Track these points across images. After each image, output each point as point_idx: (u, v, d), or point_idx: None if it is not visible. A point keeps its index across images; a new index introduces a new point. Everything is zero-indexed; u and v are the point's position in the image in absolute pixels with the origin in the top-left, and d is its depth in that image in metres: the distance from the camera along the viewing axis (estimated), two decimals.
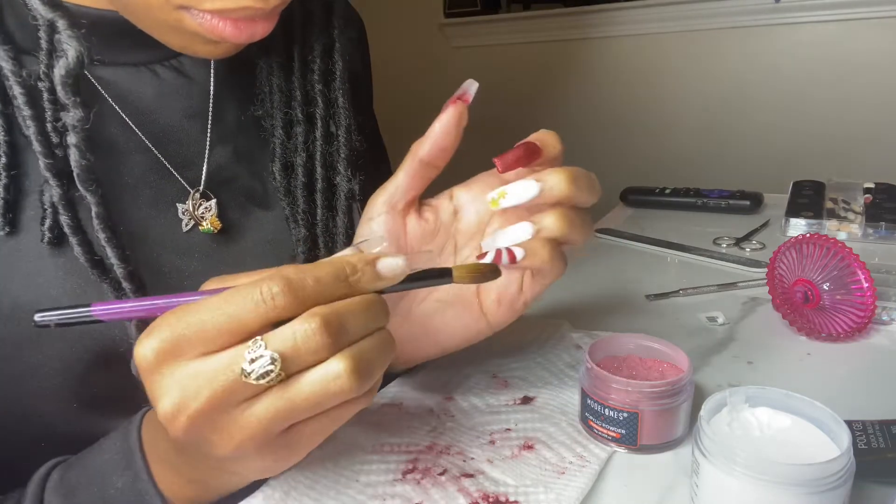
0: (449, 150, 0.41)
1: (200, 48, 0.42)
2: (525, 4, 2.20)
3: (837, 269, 0.57)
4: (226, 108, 0.50)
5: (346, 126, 0.51)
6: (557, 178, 0.38)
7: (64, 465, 0.39)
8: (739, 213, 0.91)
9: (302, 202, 0.50)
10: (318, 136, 0.50)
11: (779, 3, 1.74)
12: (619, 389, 0.40)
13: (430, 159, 0.41)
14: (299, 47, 0.51)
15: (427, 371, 0.52)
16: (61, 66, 0.39)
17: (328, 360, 0.28)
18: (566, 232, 0.39)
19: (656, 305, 0.64)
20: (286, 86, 0.51)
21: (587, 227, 0.41)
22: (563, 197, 0.39)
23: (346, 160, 0.51)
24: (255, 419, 0.29)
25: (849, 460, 0.31)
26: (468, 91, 0.41)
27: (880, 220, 0.76)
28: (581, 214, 0.40)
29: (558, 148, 0.41)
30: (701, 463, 0.34)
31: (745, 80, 1.86)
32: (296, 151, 0.50)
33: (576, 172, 0.39)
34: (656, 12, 1.92)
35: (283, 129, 0.50)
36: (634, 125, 2.06)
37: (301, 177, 0.50)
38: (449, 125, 0.40)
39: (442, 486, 0.38)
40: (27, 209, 0.41)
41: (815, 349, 0.54)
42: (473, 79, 0.41)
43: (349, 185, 0.51)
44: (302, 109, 0.50)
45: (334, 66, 0.51)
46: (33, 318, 0.31)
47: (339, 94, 0.51)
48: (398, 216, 0.43)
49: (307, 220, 0.50)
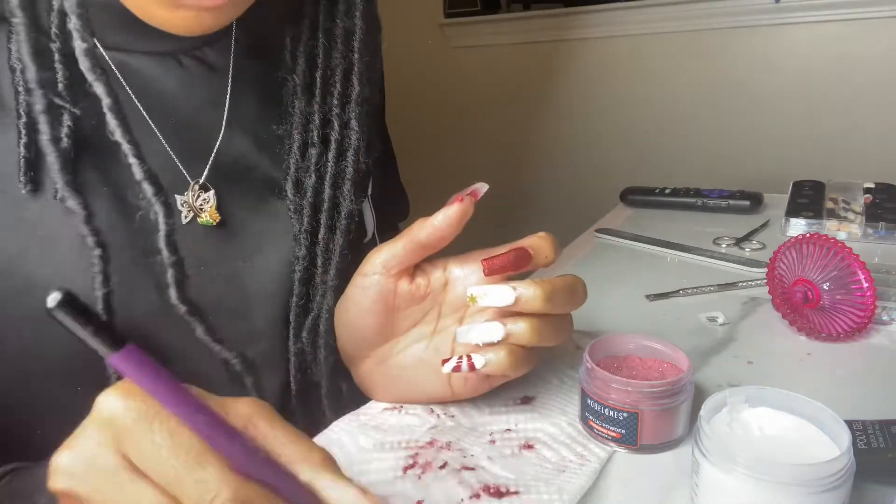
0: (448, 239, 0.43)
1: (168, 16, 0.41)
2: (525, 4, 2.19)
3: (837, 269, 0.57)
4: (241, 103, 0.51)
5: (356, 148, 0.52)
6: (534, 293, 0.40)
7: (20, 470, 0.39)
8: (739, 213, 0.91)
9: (306, 221, 0.51)
10: (330, 158, 0.51)
11: (779, 3, 1.74)
12: (619, 389, 0.40)
13: (429, 243, 0.43)
14: (322, 71, 0.51)
15: None
16: None
17: None
18: (535, 341, 0.41)
19: (656, 305, 0.64)
20: (307, 109, 0.51)
21: (563, 333, 0.42)
22: (535, 311, 0.40)
23: (351, 181, 0.52)
24: None
25: (849, 460, 0.31)
26: (478, 190, 0.43)
27: (880, 220, 0.76)
28: (556, 322, 0.42)
29: (551, 258, 0.43)
30: (701, 463, 0.34)
31: (745, 80, 1.86)
32: (307, 172, 0.51)
33: (554, 290, 0.40)
34: (656, 12, 1.92)
35: (299, 150, 0.51)
36: (634, 125, 2.06)
37: (309, 196, 0.51)
38: (452, 219, 0.42)
39: (442, 480, 0.38)
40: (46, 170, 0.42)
41: (815, 349, 0.54)
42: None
43: (351, 206, 0.52)
44: (318, 133, 0.51)
45: (351, 89, 0.52)
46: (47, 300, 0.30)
47: (352, 117, 0.52)
48: (391, 278, 0.44)
49: (308, 239, 0.51)
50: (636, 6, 1.95)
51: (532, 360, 0.42)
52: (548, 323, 0.41)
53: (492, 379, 0.44)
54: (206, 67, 0.49)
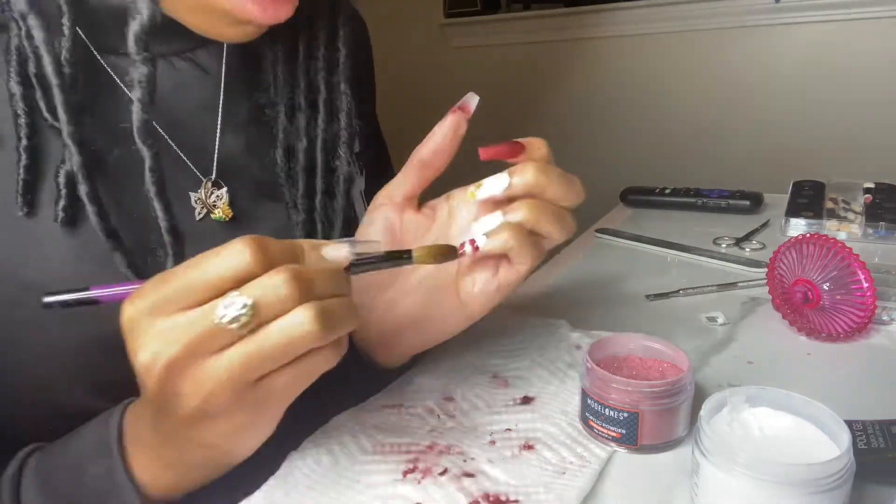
0: (445, 153, 0.44)
1: (226, 30, 0.44)
2: (525, 4, 2.20)
3: (837, 269, 0.57)
4: (237, 100, 0.52)
5: (347, 111, 0.52)
6: (526, 169, 0.41)
7: (43, 449, 0.40)
8: (739, 213, 0.91)
9: (302, 186, 0.51)
10: (320, 122, 0.52)
11: (779, 3, 1.74)
12: (620, 389, 0.40)
13: (429, 160, 0.45)
14: (304, 37, 0.52)
15: (427, 371, 0.52)
16: (136, 23, 0.40)
17: (296, 309, 0.31)
18: (532, 218, 0.41)
19: (656, 305, 0.64)
20: (290, 74, 0.52)
21: (562, 221, 0.42)
22: (531, 187, 0.41)
23: (346, 144, 0.52)
24: (225, 366, 0.30)
25: (849, 460, 0.31)
26: (468, 103, 0.44)
27: (880, 220, 0.76)
28: (555, 208, 0.42)
29: (543, 151, 0.43)
30: (701, 463, 0.34)
31: (745, 80, 1.86)
32: (297, 137, 0.51)
33: (546, 166, 0.41)
34: (656, 12, 1.92)
35: (286, 116, 0.52)
36: (634, 125, 2.06)
37: (302, 161, 0.51)
38: (447, 131, 0.44)
39: (442, 486, 0.38)
40: (43, 192, 0.43)
41: (815, 349, 0.54)
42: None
43: (348, 169, 0.52)
44: (305, 96, 0.52)
45: (338, 54, 0.52)
46: (42, 299, 0.33)
47: (340, 80, 0.52)
48: (396, 209, 0.46)
49: (306, 204, 0.51)
50: (636, 6, 1.95)
51: (536, 246, 0.42)
52: (545, 207, 0.41)
53: (500, 278, 0.44)
54: (198, 69, 0.50)
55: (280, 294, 0.30)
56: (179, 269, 0.31)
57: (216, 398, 0.31)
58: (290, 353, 0.31)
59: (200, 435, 0.34)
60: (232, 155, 0.50)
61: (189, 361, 0.30)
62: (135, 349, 0.31)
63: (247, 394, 0.32)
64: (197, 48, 0.50)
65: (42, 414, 0.44)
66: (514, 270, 0.43)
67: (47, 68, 0.41)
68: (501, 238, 0.40)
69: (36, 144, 0.42)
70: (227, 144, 0.50)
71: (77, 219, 0.43)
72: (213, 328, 0.30)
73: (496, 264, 0.44)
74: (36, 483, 0.38)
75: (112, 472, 0.37)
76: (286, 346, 0.31)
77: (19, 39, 0.41)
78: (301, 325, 0.30)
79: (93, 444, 0.38)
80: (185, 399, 0.31)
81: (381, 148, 0.69)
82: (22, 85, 0.42)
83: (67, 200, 0.42)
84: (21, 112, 0.42)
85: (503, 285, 0.44)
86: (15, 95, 0.42)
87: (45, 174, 0.43)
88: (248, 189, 0.51)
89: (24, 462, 0.39)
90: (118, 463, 0.37)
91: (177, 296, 0.31)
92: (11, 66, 0.42)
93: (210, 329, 0.30)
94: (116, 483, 0.36)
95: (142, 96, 0.41)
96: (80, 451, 0.38)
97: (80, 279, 0.42)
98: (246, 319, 0.30)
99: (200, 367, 0.31)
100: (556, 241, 0.43)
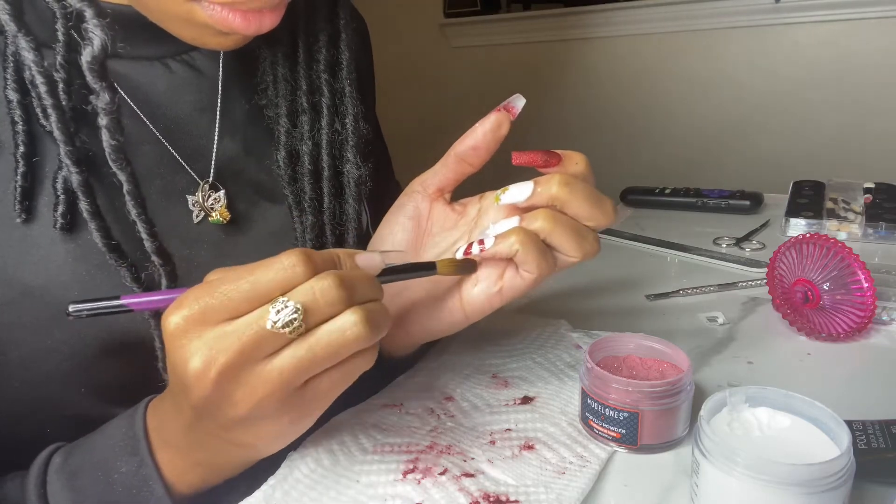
0: (484, 150, 0.43)
1: (210, 40, 0.44)
2: (525, 4, 2.20)
3: (837, 269, 0.57)
4: (234, 102, 0.51)
5: (354, 114, 0.52)
6: (552, 180, 0.40)
7: (66, 448, 0.40)
8: (739, 213, 0.91)
9: (309, 190, 0.51)
10: (324, 125, 0.51)
11: (779, 3, 1.74)
12: (620, 389, 0.40)
13: (464, 156, 0.44)
14: (304, 38, 0.51)
15: (427, 371, 0.52)
16: (87, 53, 0.40)
17: (344, 312, 0.32)
18: (548, 229, 0.40)
19: (656, 305, 0.64)
20: (291, 76, 0.51)
21: (579, 239, 0.40)
22: (554, 199, 0.40)
23: (354, 148, 0.52)
24: (277, 371, 0.31)
25: (849, 460, 0.31)
26: (513, 104, 0.43)
27: (880, 220, 0.76)
28: (575, 224, 0.41)
29: (580, 167, 0.43)
30: (701, 463, 0.34)
31: (745, 81, 1.86)
32: (301, 140, 0.51)
33: (574, 180, 0.40)
34: (656, 12, 1.92)
35: (288, 119, 0.51)
36: (634, 125, 2.06)
37: (307, 164, 0.51)
38: (487, 129, 0.43)
39: (442, 486, 0.38)
40: (41, 196, 0.43)
41: (815, 349, 0.54)
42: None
43: (359, 172, 0.52)
44: (307, 99, 0.51)
45: (340, 56, 0.52)
46: (67, 308, 0.34)
47: (346, 84, 0.52)
48: (427, 198, 0.47)
49: (314, 207, 0.51)
50: (636, 6, 1.95)
51: (545, 256, 0.40)
52: (564, 220, 0.40)
53: (504, 287, 0.43)
54: (194, 71, 0.49)
55: (329, 298, 0.31)
56: (226, 278, 0.32)
57: (267, 402, 0.32)
58: (339, 355, 0.32)
59: (240, 437, 0.34)
60: (230, 157, 0.50)
61: (242, 367, 0.31)
62: (184, 357, 0.31)
63: (294, 397, 0.33)
64: (192, 50, 0.49)
65: (40, 416, 0.44)
66: (519, 277, 0.42)
67: (41, 88, 0.41)
68: (509, 241, 0.40)
69: (33, 151, 0.42)
70: (224, 146, 0.50)
71: (75, 224, 0.43)
72: (266, 333, 0.31)
73: (503, 269, 0.43)
74: (62, 482, 0.38)
75: (141, 468, 0.37)
76: (338, 348, 0.32)
77: (15, 47, 0.41)
78: (352, 328, 0.31)
79: (120, 442, 0.38)
80: (236, 405, 0.32)
81: (381, 148, 0.69)
82: (19, 92, 0.41)
83: (65, 206, 0.42)
84: (18, 119, 0.41)
85: (506, 291, 0.43)
86: (12, 102, 0.41)
87: (43, 180, 0.43)
88: (247, 191, 0.50)
89: (49, 461, 0.39)
90: (147, 459, 0.37)
91: (223, 306, 0.31)
92: (8, 72, 0.41)
93: (262, 334, 0.31)
94: (145, 478, 0.37)
95: (108, 123, 0.41)
96: (107, 449, 0.38)
97: (78, 283, 0.42)
98: (298, 324, 0.31)
99: (253, 373, 0.31)
100: (573, 259, 0.41)
